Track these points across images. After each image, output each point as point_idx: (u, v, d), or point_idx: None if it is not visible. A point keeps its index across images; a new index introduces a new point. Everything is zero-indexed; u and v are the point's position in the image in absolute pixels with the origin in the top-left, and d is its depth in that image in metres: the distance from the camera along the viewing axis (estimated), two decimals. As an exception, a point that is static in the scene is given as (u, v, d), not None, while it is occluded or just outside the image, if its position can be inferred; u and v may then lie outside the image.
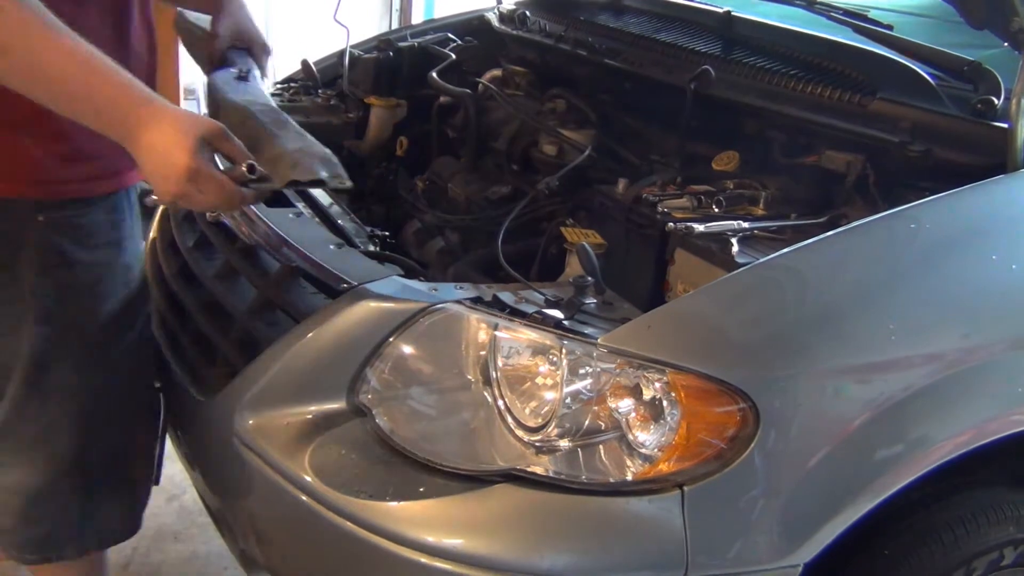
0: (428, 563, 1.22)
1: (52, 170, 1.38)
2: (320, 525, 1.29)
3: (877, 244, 1.33)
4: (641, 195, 1.64)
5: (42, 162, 1.37)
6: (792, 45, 1.77)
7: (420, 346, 1.34)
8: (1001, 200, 1.40)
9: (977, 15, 1.63)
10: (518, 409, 1.29)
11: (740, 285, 1.30)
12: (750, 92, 1.73)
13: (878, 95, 1.56)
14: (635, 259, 1.60)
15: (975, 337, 1.31)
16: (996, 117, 1.46)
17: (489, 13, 2.48)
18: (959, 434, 1.30)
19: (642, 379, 1.23)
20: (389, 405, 1.33)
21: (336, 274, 1.41)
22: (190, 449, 1.63)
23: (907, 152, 1.50)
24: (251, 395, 1.38)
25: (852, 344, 1.26)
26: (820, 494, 1.25)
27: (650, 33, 2.00)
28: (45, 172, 1.38)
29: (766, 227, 1.52)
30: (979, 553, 1.37)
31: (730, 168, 1.73)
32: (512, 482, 1.24)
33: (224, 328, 1.58)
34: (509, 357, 1.30)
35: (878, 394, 1.24)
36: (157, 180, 1.23)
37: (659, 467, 1.22)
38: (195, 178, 1.22)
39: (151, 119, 1.21)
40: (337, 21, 2.19)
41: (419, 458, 1.28)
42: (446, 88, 2.11)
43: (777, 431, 1.21)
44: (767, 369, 1.23)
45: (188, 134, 1.21)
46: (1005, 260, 1.35)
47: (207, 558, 2.22)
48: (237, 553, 1.64)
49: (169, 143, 1.20)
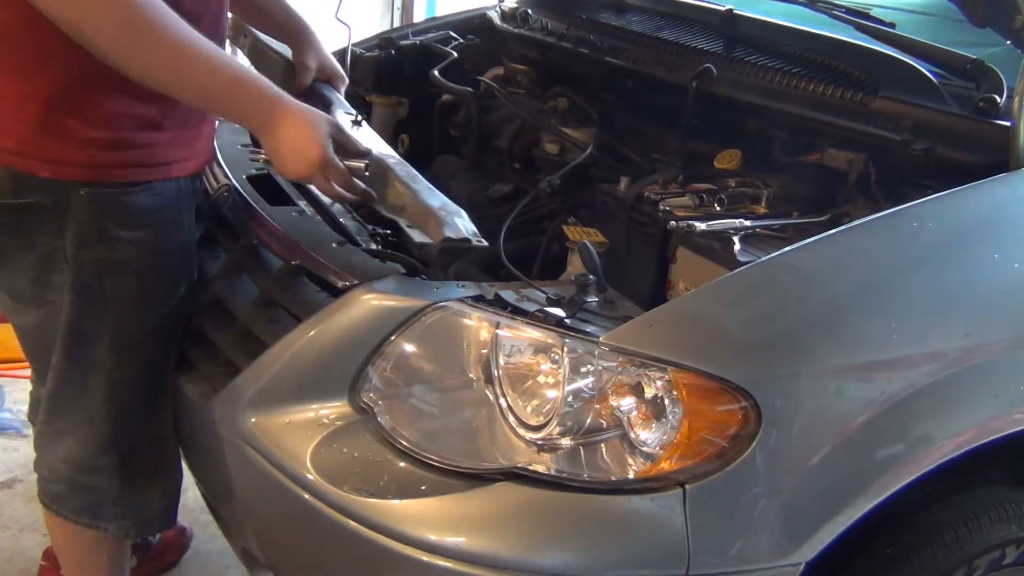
0: (430, 561, 1.22)
1: (96, 155, 1.42)
2: (322, 523, 1.29)
3: (879, 243, 1.33)
4: (643, 193, 1.64)
5: (87, 147, 1.41)
6: (794, 43, 1.77)
7: (422, 344, 1.34)
8: (1003, 199, 1.40)
9: (979, 13, 1.62)
10: (520, 407, 1.29)
11: (742, 284, 1.30)
12: (752, 90, 1.73)
13: (880, 93, 1.56)
14: (637, 257, 1.60)
15: (977, 336, 1.31)
16: (998, 115, 1.46)
17: (491, 11, 2.48)
18: (961, 433, 1.30)
19: (644, 377, 1.23)
20: (391, 403, 1.33)
21: (338, 272, 1.41)
22: (192, 447, 1.63)
23: (909, 150, 1.50)
24: (253, 393, 1.39)
25: (854, 343, 1.26)
26: (822, 493, 1.25)
27: (652, 31, 1.99)
28: (89, 157, 1.42)
29: (768, 225, 1.52)
30: (981, 552, 1.37)
31: (732, 166, 1.73)
32: (514, 480, 1.24)
33: (226, 326, 1.58)
34: (511, 355, 1.30)
35: (880, 393, 1.24)
36: (288, 165, 1.43)
37: (661, 465, 1.22)
38: (325, 167, 1.42)
39: (285, 115, 1.40)
40: (339, 19, 2.18)
41: (421, 456, 1.28)
42: (448, 86, 2.11)
43: (779, 430, 1.21)
44: (769, 368, 1.23)
45: (319, 129, 1.41)
46: (1007, 259, 1.35)
47: (208, 556, 2.23)
48: (239, 551, 1.64)
49: (303, 137, 1.40)
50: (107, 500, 1.61)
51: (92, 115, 1.41)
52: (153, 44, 1.32)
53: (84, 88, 1.39)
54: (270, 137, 1.42)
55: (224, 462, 1.45)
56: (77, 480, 1.59)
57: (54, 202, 1.43)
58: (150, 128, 1.45)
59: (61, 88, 1.39)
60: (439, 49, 2.27)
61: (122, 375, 1.54)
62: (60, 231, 1.45)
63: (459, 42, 2.32)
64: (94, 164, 1.42)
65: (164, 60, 1.34)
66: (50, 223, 1.44)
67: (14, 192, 1.43)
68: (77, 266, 1.46)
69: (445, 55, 2.22)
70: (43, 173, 1.41)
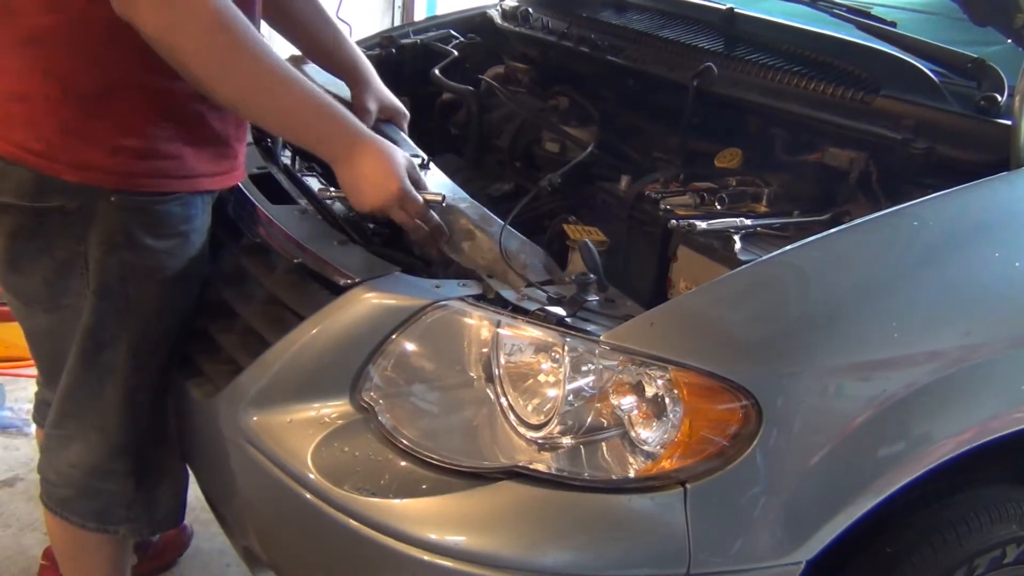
0: (431, 560, 1.22)
1: (126, 163, 1.43)
2: (323, 522, 1.29)
3: (880, 242, 1.33)
4: (644, 192, 1.64)
5: (117, 154, 1.42)
6: (795, 42, 1.76)
7: (423, 343, 1.34)
8: (1004, 197, 1.40)
9: (980, 12, 1.62)
10: (520, 406, 1.29)
11: (742, 282, 1.30)
12: (753, 89, 1.73)
13: (881, 92, 1.56)
14: (638, 256, 1.60)
15: (978, 335, 1.31)
16: (999, 114, 1.45)
17: (492, 10, 2.48)
18: (961, 432, 1.30)
19: (644, 376, 1.23)
20: (392, 402, 1.33)
21: (340, 270, 1.41)
22: (193, 446, 1.63)
23: (910, 149, 1.50)
24: (255, 392, 1.39)
25: (854, 342, 1.26)
26: (822, 492, 1.25)
27: (653, 30, 1.99)
28: (118, 164, 1.42)
29: (769, 224, 1.52)
30: (981, 551, 1.37)
31: (733, 165, 1.73)
32: (514, 479, 1.24)
33: (228, 324, 1.58)
34: (511, 354, 1.30)
35: (880, 392, 1.24)
36: (367, 197, 1.44)
37: (661, 464, 1.22)
38: (403, 199, 1.43)
39: (365, 149, 1.44)
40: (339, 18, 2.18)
41: (422, 455, 1.29)
42: (448, 85, 2.11)
43: (779, 429, 1.21)
44: (769, 366, 1.23)
45: (398, 164, 1.44)
46: (1008, 258, 1.35)
47: (210, 555, 2.23)
48: (240, 550, 1.64)
49: (383, 170, 1.43)
50: (119, 504, 1.61)
51: (124, 123, 1.42)
52: (247, 71, 1.36)
53: (119, 96, 1.41)
54: (348, 169, 1.44)
55: (226, 461, 1.45)
56: (88, 485, 1.59)
57: (79, 207, 1.43)
58: (179, 140, 1.46)
59: (96, 95, 1.40)
60: (440, 48, 2.27)
61: (139, 380, 1.54)
62: (82, 236, 1.45)
63: (460, 41, 2.32)
64: (123, 171, 1.43)
65: (256, 86, 1.38)
66: (72, 228, 1.44)
67: (37, 195, 1.43)
68: (102, 271, 1.46)
69: (446, 54, 2.22)
70: (71, 177, 1.41)
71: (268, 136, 1.88)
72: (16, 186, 1.43)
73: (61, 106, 1.40)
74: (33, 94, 1.40)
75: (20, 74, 1.40)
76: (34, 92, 1.40)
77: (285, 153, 1.86)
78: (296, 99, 1.40)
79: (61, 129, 1.40)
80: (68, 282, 1.48)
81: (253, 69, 1.37)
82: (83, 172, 1.41)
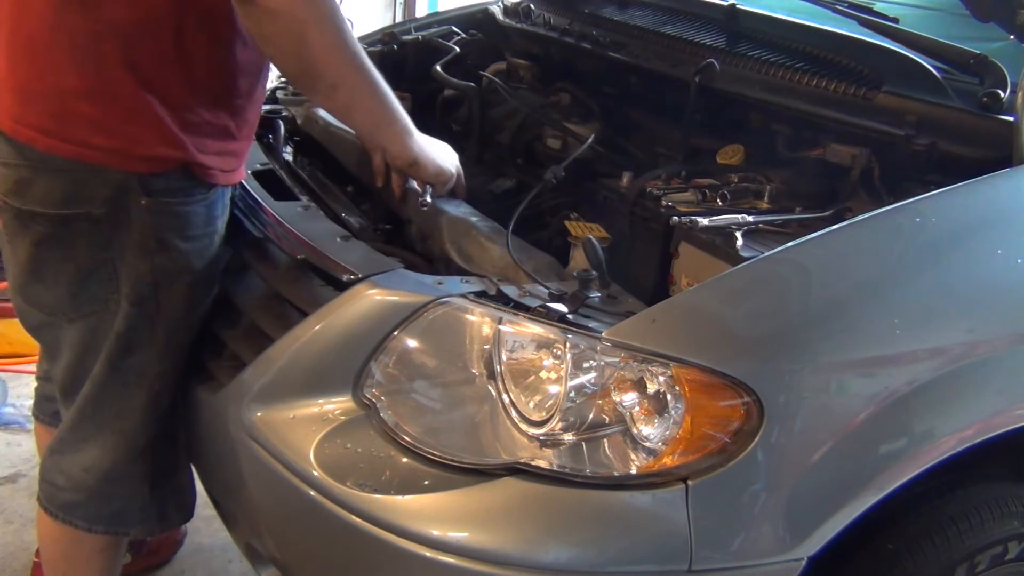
0: (432, 556, 1.23)
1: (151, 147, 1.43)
2: (325, 519, 1.29)
3: (882, 238, 1.33)
4: (645, 189, 1.63)
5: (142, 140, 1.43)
6: (797, 38, 1.76)
7: (425, 340, 1.34)
8: (1006, 194, 1.40)
9: (983, 8, 1.62)
10: (522, 403, 1.29)
11: (744, 279, 1.30)
12: (755, 85, 1.72)
13: (883, 88, 1.56)
14: (639, 253, 1.60)
15: (980, 331, 1.31)
16: (1002, 110, 1.45)
17: (493, 6, 2.48)
18: (963, 428, 1.30)
19: (646, 373, 1.23)
20: (394, 399, 1.33)
21: (342, 266, 1.41)
22: (197, 442, 1.63)
23: (912, 145, 1.50)
24: (258, 388, 1.39)
25: (856, 338, 1.26)
26: (824, 488, 1.25)
27: (654, 26, 1.99)
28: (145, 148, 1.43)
29: (770, 221, 1.52)
30: (983, 547, 1.37)
31: (734, 162, 1.73)
32: (516, 476, 1.24)
33: (231, 321, 1.58)
34: (513, 351, 1.30)
35: (882, 388, 1.24)
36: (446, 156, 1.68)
37: (663, 461, 1.22)
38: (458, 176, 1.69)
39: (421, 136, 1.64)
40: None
41: (423, 452, 1.29)
42: (450, 81, 2.10)
43: (781, 425, 1.21)
44: (771, 363, 1.23)
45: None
46: (1010, 254, 1.35)
47: (212, 551, 2.23)
48: (243, 546, 1.65)
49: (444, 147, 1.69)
50: (132, 507, 1.61)
51: (183, 118, 1.44)
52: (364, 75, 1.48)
53: (183, 91, 1.44)
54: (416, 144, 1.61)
55: (229, 457, 1.45)
56: (101, 490, 1.58)
57: (107, 213, 1.43)
58: (225, 137, 1.51)
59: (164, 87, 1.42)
60: (441, 44, 2.26)
61: (164, 384, 1.55)
62: (108, 243, 1.45)
63: (461, 37, 2.32)
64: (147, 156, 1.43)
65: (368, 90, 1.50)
66: (99, 234, 1.45)
67: (64, 202, 1.43)
68: (135, 277, 1.47)
69: (447, 50, 2.22)
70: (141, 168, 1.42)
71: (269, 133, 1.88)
72: (44, 193, 1.43)
73: (136, 99, 1.40)
74: (104, 89, 1.40)
75: (92, 69, 1.40)
76: (106, 87, 1.40)
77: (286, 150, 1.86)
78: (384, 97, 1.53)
79: (129, 121, 1.41)
80: (90, 289, 1.48)
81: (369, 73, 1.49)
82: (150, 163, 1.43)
